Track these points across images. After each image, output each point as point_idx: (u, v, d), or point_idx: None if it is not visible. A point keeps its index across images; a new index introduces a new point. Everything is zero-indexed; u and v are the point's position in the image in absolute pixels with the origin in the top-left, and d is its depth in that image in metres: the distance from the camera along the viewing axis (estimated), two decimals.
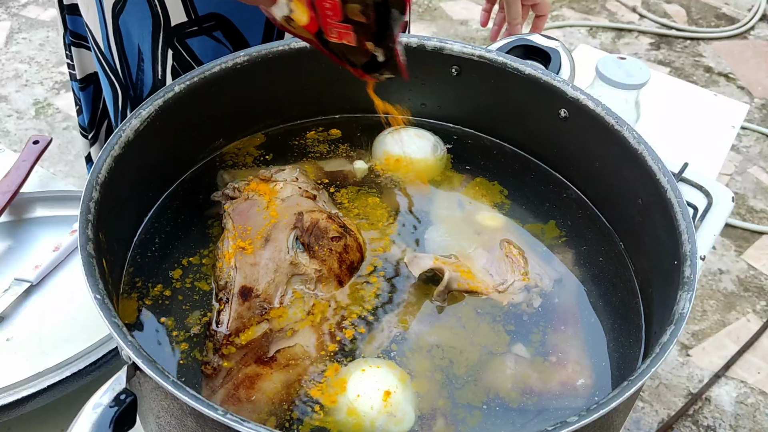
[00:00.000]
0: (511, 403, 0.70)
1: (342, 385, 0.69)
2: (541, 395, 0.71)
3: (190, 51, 1.00)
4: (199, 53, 1.00)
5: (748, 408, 1.87)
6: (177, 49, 0.99)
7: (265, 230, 0.78)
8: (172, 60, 1.01)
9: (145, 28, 0.98)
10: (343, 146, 0.95)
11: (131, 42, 1.01)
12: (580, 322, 0.78)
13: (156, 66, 1.02)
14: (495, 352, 0.74)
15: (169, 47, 0.99)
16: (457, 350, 0.74)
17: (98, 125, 1.21)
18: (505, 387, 0.71)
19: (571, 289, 0.81)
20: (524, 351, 0.74)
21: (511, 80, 0.90)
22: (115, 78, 1.06)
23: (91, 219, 0.68)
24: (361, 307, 0.76)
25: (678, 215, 0.73)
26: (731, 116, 1.58)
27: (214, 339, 0.72)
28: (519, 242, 0.85)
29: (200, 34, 0.99)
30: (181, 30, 0.98)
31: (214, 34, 0.99)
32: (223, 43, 1.00)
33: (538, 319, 0.77)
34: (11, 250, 0.99)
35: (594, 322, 0.78)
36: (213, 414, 0.55)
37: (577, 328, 0.77)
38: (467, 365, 0.72)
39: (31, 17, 2.99)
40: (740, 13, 3.24)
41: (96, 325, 0.85)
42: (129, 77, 1.05)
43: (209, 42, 1.00)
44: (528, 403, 0.70)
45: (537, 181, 0.93)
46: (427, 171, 0.92)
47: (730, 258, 2.23)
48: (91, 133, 1.21)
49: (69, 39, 1.13)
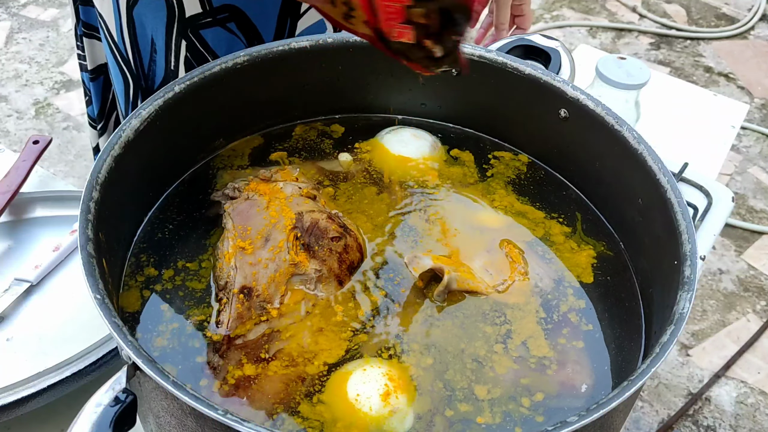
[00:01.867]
0: (511, 403, 0.70)
1: (342, 384, 0.69)
2: (541, 395, 0.71)
3: (204, 42, 1.00)
4: (212, 44, 1.01)
5: (748, 408, 1.87)
6: (191, 40, 1.00)
7: (265, 230, 0.78)
8: (186, 51, 1.01)
9: (159, 19, 0.99)
10: (343, 146, 0.95)
11: (145, 33, 1.01)
12: (580, 322, 0.78)
13: (169, 57, 1.02)
14: (495, 352, 0.74)
15: (182, 38, 1.00)
16: (456, 350, 0.74)
17: (107, 116, 1.22)
18: (505, 387, 0.71)
19: (570, 289, 0.81)
20: (524, 351, 0.74)
21: (511, 80, 0.90)
22: (127, 68, 1.07)
23: (91, 219, 0.68)
24: (361, 307, 0.76)
25: (678, 215, 0.73)
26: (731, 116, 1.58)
27: (214, 339, 0.72)
28: (519, 242, 0.85)
29: (214, 25, 0.99)
30: (195, 21, 0.99)
31: (228, 25, 0.99)
32: (237, 34, 1.00)
33: (537, 320, 0.77)
34: (11, 250, 0.99)
35: (594, 322, 0.78)
36: (213, 414, 0.55)
37: (577, 328, 0.77)
38: (467, 365, 0.72)
39: (31, 17, 2.99)
40: (740, 13, 3.24)
41: (96, 325, 0.85)
42: (141, 68, 1.06)
43: (223, 33, 1.00)
44: (528, 402, 0.70)
45: (537, 180, 0.93)
46: (425, 171, 0.92)
47: (730, 258, 2.23)
48: (100, 123, 1.22)
49: (81, 30, 1.14)
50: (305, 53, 0.90)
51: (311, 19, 1.03)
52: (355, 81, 0.96)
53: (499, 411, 0.69)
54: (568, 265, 0.83)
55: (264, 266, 0.76)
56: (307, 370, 0.71)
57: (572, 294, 0.80)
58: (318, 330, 0.74)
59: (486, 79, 0.91)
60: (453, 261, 0.81)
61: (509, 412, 0.69)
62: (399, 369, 0.71)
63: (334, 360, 0.72)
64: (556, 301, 0.79)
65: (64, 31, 2.91)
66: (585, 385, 0.72)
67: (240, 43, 1.01)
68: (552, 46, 1.03)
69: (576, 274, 0.82)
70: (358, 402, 0.67)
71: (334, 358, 0.72)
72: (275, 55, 0.88)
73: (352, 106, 0.99)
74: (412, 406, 0.68)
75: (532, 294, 0.79)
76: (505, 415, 0.69)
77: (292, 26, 1.03)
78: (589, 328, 0.77)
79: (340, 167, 0.92)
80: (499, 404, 0.70)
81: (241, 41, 1.01)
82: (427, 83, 0.96)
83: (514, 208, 0.89)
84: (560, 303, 0.79)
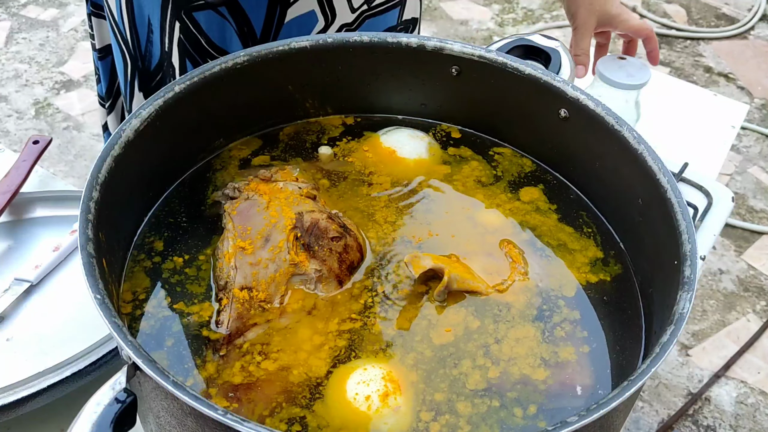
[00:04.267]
0: (511, 402, 0.70)
1: (341, 384, 0.69)
2: (541, 395, 0.71)
3: (197, 24, 1.01)
4: (205, 27, 1.02)
5: (748, 408, 1.87)
6: (184, 22, 1.01)
7: (265, 230, 0.78)
8: (179, 33, 1.02)
9: (156, 1, 1.00)
10: (343, 145, 0.95)
11: (142, 13, 1.03)
12: (580, 322, 0.78)
13: (164, 38, 1.03)
14: (495, 352, 0.74)
15: (176, 20, 1.01)
16: (456, 350, 0.74)
17: (115, 95, 1.24)
18: (505, 387, 0.71)
19: (570, 289, 0.81)
20: (524, 351, 0.74)
21: (511, 80, 0.90)
22: (126, 48, 1.09)
23: (91, 219, 0.68)
24: (361, 307, 0.76)
25: (678, 215, 0.73)
26: (731, 116, 1.58)
27: (214, 339, 0.72)
28: (519, 242, 0.85)
29: (207, 8, 1.00)
30: (188, 3, 1.00)
31: (219, 9, 1.00)
32: (227, 19, 1.01)
33: (537, 320, 0.77)
34: (11, 250, 0.99)
35: (594, 322, 0.78)
36: (213, 414, 0.55)
37: (577, 329, 0.77)
38: (467, 365, 0.72)
39: (31, 17, 2.99)
40: (740, 13, 3.24)
41: (96, 325, 0.85)
42: (138, 48, 1.07)
43: (215, 17, 1.01)
44: (528, 402, 0.70)
45: (537, 181, 0.93)
46: (424, 171, 0.92)
47: (730, 258, 2.23)
48: (108, 102, 1.24)
49: (90, 9, 1.16)
50: (305, 53, 0.90)
51: (301, 8, 1.03)
52: (355, 81, 0.96)
53: (498, 411, 0.69)
54: (568, 265, 0.83)
55: (264, 266, 0.76)
56: (306, 369, 0.71)
57: (572, 294, 0.80)
58: (318, 330, 0.74)
59: (486, 79, 0.91)
60: (453, 261, 0.81)
61: (509, 412, 0.69)
62: (398, 369, 0.71)
63: (333, 360, 0.72)
64: (556, 301, 0.79)
65: (64, 31, 2.91)
66: (585, 385, 0.72)
67: (230, 28, 1.02)
68: (552, 46, 1.03)
69: (576, 274, 0.82)
70: (357, 401, 0.67)
71: (333, 358, 0.72)
72: (275, 55, 0.88)
73: (352, 106, 0.99)
74: (411, 405, 0.68)
75: (532, 294, 0.79)
76: (505, 415, 0.69)
77: (282, 14, 1.03)
78: (589, 329, 0.77)
79: (340, 167, 0.92)
80: (499, 403, 0.70)
81: (231, 26, 1.02)
82: (428, 83, 0.96)
83: (514, 207, 0.89)
84: (560, 303, 0.79)
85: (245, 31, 1.02)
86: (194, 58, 1.04)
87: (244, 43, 1.03)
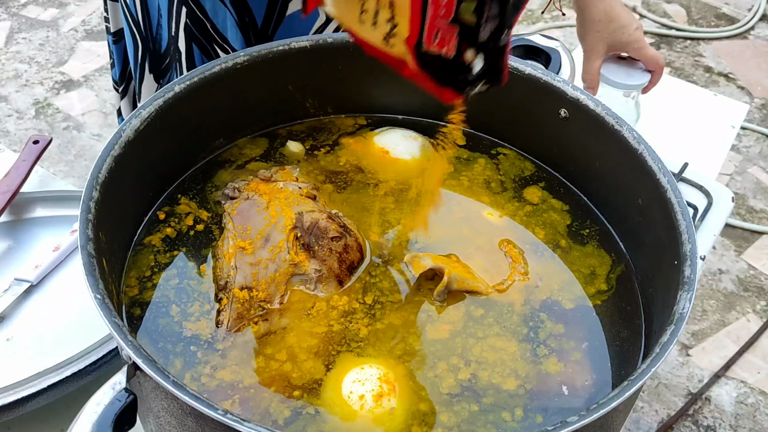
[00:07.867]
0: (511, 402, 0.70)
1: (339, 383, 0.69)
2: (541, 395, 0.71)
3: (203, 9, 1.03)
4: (210, 14, 1.03)
5: (748, 408, 1.87)
6: (190, 7, 1.03)
7: (265, 230, 0.78)
8: (186, 17, 1.03)
9: None
10: (342, 145, 0.95)
11: None
12: (580, 321, 0.78)
13: (171, 22, 1.05)
14: (495, 352, 0.74)
15: (183, 5, 1.03)
16: (456, 350, 0.74)
17: (128, 79, 1.25)
18: (505, 386, 0.71)
19: (570, 289, 0.81)
20: (524, 351, 0.74)
21: (511, 80, 0.89)
22: (137, 31, 1.10)
23: (91, 219, 0.68)
24: (361, 306, 0.76)
25: (678, 215, 0.73)
26: (731, 116, 1.58)
27: (214, 339, 0.72)
28: (519, 242, 0.85)
29: None
30: None
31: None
32: (228, 8, 1.02)
33: (537, 319, 0.77)
34: (11, 250, 0.99)
35: (594, 322, 0.78)
36: (213, 414, 0.55)
37: (577, 328, 0.77)
38: (466, 365, 0.72)
39: (31, 17, 2.98)
40: (740, 13, 3.23)
41: (96, 325, 0.85)
42: (149, 31, 1.09)
43: (219, 4, 1.02)
44: (527, 402, 0.70)
45: (537, 181, 0.93)
46: (419, 171, 0.92)
47: (730, 258, 2.23)
48: (121, 86, 1.26)
49: None
50: (305, 53, 0.90)
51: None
52: (355, 81, 0.96)
53: (498, 411, 0.69)
54: (568, 264, 0.83)
55: (264, 266, 0.76)
56: (305, 369, 0.71)
57: (572, 294, 0.80)
58: (317, 330, 0.74)
59: None
60: (453, 261, 0.81)
61: (509, 411, 0.69)
62: (397, 368, 0.71)
63: (332, 359, 0.72)
64: (556, 301, 0.79)
65: (64, 31, 2.91)
66: (585, 385, 0.72)
67: (232, 17, 1.03)
68: (552, 46, 1.04)
69: (576, 274, 0.82)
70: (355, 401, 0.67)
71: (332, 357, 0.72)
72: (275, 55, 0.88)
73: (352, 105, 0.99)
74: (409, 404, 0.68)
75: (532, 294, 0.79)
76: (504, 415, 0.69)
77: (283, 6, 1.04)
78: (589, 328, 0.77)
79: (340, 167, 0.92)
80: (499, 403, 0.70)
81: (231, 15, 1.03)
82: None
83: (514, 207, 0.89)
84: (560, 303, 0.79)
85: (246, 21, 1.03)
86: (201, 43, 1.05)
87: (243, 34, 1.04)
